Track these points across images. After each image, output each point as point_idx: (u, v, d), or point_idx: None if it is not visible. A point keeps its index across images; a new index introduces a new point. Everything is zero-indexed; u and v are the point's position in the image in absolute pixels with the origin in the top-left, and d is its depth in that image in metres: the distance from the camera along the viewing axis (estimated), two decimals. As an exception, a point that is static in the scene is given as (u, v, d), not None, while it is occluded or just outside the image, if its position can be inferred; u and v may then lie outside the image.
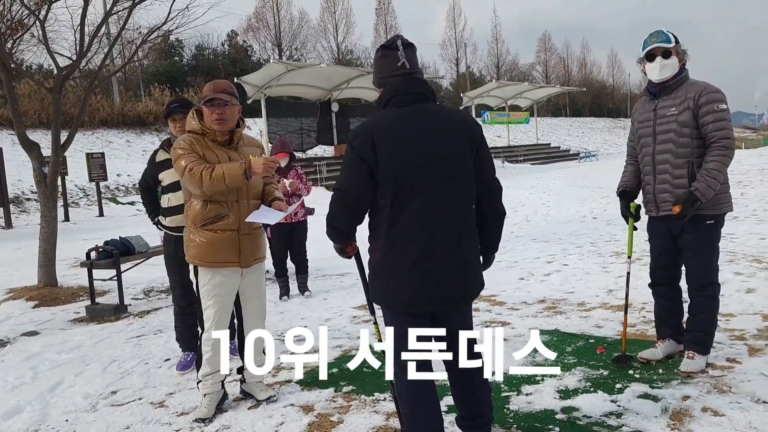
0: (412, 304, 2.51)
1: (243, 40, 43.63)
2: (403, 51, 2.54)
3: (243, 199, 3.47)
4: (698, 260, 3.59)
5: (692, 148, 3.47)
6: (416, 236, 2.44)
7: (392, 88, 2.52)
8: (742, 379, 3.41)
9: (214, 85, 3.43)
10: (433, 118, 2.51)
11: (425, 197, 2.44)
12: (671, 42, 3.50)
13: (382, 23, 51.55)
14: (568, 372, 3.75)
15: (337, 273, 8.10)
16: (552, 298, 5.71)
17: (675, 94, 3.52)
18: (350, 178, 2.48)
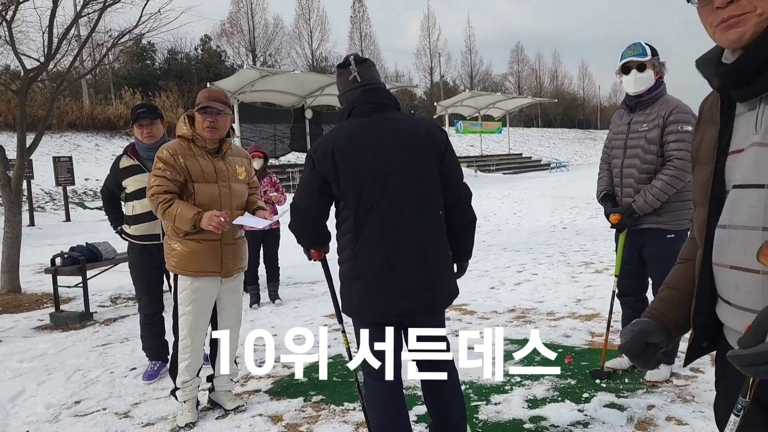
0: (379, 316, 2.50)
1: (217, 45, 43.30)
2: (354, 66, 2.57)
3: (226, 208, 3.44)
4: (659, 274, 3.62)
5: (656, 166, 3.50)
6: (380, 246, 2.44)
7: (352, 100, 2.55)
8: (705, 389, 3.49)
9: (209, 93, 3.42)
10: (394, 126, 2.52)
11: (388, 206, 2.43)
12: (647, 55, 3.51)
13: (357, 31, 51.75)
14: (537, 382, 3.79)
15: (308, 281, 8.07)
16: (522, 307, 5.76)
17: (649, 110, 3.55)
18: (304, 194, 2.54)
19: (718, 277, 1.32)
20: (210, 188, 3.40)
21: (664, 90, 3.59)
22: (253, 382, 4.17)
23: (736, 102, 1.28)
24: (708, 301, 1.35)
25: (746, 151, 1.24)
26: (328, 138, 2.52)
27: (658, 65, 3.55)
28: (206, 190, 3.39)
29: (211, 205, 3.38)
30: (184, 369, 3.51)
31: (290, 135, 27.36)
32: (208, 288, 3.49)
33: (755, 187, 1.21)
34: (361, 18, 52.00)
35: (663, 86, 3.59)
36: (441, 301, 2.60)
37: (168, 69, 38.19)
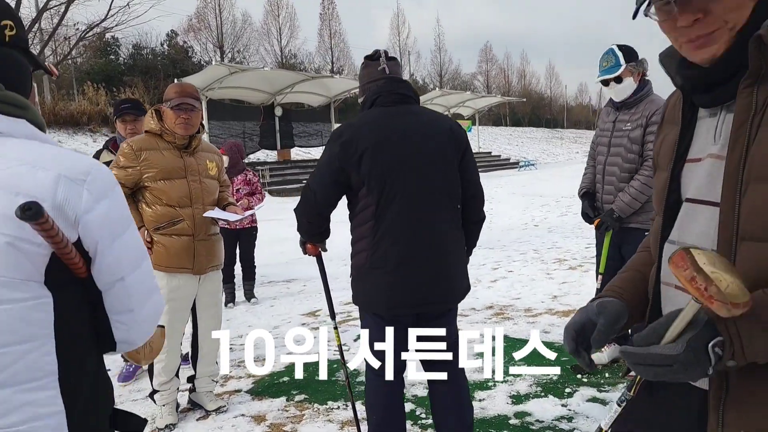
0: (394, 308, 2.45)
1: (183, 41, 42.58)
2: (384, 59, 2.58)
3: (198, 204, 3.40)
4: None
5: (637, 166, 3.53)
6: (402, 236, 2.39)
7: (377, 90, 2.52)
8: (684, 382, 3.55)
9: (182, 89, 3.36)
10: (418, 119, 2.51)
11: (411, 196, 2.40)
12: (620, 65, 3.50)
13: (327, 28, 51.46)
14: (519, 378, 3.82)
15: (283, 279, 8.00)
16: (499, 304, 5.80)
17: (634, 109, 3.57)
18: (320, 179, 2.47)
19: (664, 295, 1.22)
20: (179, 184, 3.34)
21: (650, 90, 3.60)
22: (233, 382, 4.12)
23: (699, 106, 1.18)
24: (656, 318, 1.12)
25: (703, 161, 1.13)
26: (353, 124, 2.47)
27: (637, 67, 3.53)
28: (176, 186, 3.33)
29: (182, 200, 3.33)
30: (161, 370, 3.44)
31: (260, 132, 27.10)
32: (186, 288, 3.43)
33: (707, 204, 1.10)
34: (330, 15, 51.75)
35: (648, 85, 3.60)
36: (457, 294, 2.57)
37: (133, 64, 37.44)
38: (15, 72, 1.19)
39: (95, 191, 1.10)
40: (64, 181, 1.06)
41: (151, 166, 3.29)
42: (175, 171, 3.34)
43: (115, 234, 1.13)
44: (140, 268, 1.21)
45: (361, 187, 2.40)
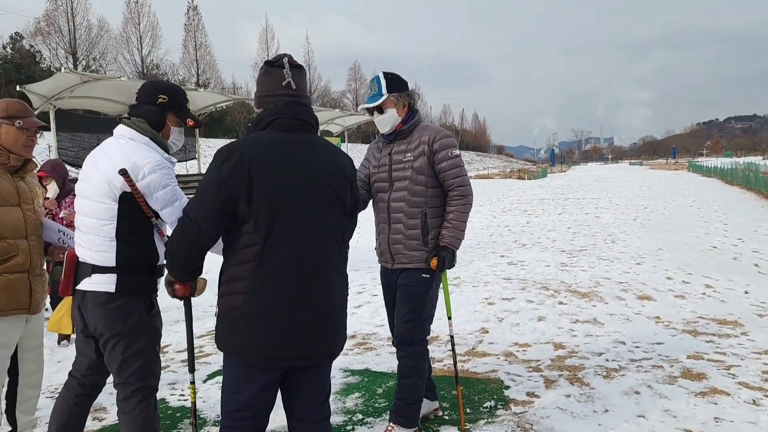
0: (270, 359, 2.13)
1: (30, 45, 39.01)
2: (290, 70, 2.25)
3: (33, 235, 2.98)
4: (400, 311, 3.31)
5: (426, 198, 3.25)
6: (286, 284, 2.10)
7: (275, 110, 2.20)
8: (542, 415, 3.53)
9: (23, 106, 3.01)
10: (317, 152, 2.22)
11: (301, 239, 2.12)
12: (382, 94, 3.25)
13: (192, 39, 49.48)
14: (379, 418, 3.61)
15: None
16: (362, 332, 5.61)
17: (410, 138, 3.32)
18: (203, 208, 2.09)
19: None
20: (14, 212, 2.89)
21: (420, 119, 3.39)
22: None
23: None
24: None
25: None
26: (243, 146, 2.11)
27: (402, 99, 3.29)
28: (9, 213, 2.87)
29: (16, 231, 2.89)
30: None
31: (116, 146, 25.31)
32: (15, 330, 2.96)
33: None
34: (196, 26, 49.84)
35: (417, 115, 3.37)
36: (339, 345, 2.30)
37: (-32, 68, 33.68)
38: (153, 118, 2.66)
39: (148, 170, 2.47)
40: (134, 165, 2.45)
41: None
42: (7, 198, 2.89)
43: (152, 192, 2.49)
44: (171, 206, 2.52)
45: (246, 221, 2.08)
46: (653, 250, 9.76)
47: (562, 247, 10.60)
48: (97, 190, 2.51)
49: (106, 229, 2.50)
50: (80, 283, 2.54)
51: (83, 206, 2.57)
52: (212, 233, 2.11)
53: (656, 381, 4.02)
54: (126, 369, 2.54)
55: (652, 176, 42.82)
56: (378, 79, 3.31)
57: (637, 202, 19.71)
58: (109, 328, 2.51)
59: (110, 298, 2.50)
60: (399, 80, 3.33)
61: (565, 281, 7.54)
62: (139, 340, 2.55)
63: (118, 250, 2.50)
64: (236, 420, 2.18)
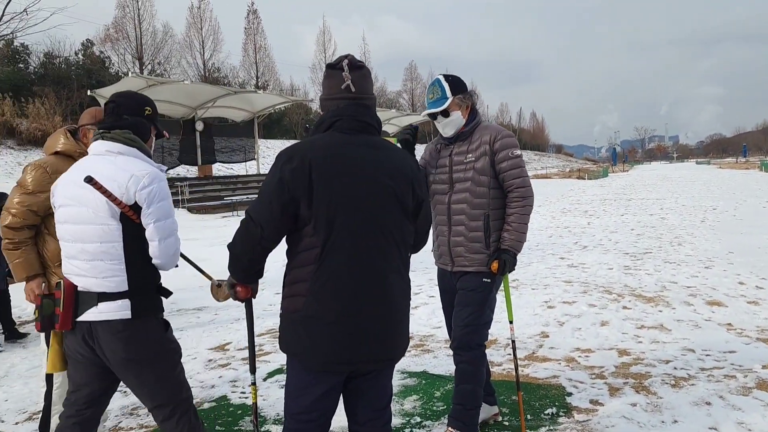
0: (333, 362, 2.13)
1: (100, 51, 40.64)
2: (348, 72, 2.22)
3: None
4: (459, 314, 3.26)
5: (488, 199, 3.20)
6: (345, 287, 2.08)
7: (336, 112, 2.19)
8: (607, 424, 3.41)
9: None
10: (380, 154, 2.19)
11: (361, 243, 2.10)
12: (447, 98, 3.21)
13: (252, 42, 50.58)
14: (437, 421, 3.57)
15: (194, 307, 7.49)
16: (420, 334, 5.57)
17: (470, 138, 3.26)
18: (264, 210, 2.08)
19: None
20: None
21: (480, 119, 3.33)
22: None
23: None
24: None
25: None
26: (304, 148, 2.11)
27: (465, 100, 3.26)
28: None
29: None
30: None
31: (179, 147, 26.12)
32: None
33: None
34: (255, 30, 50.91)
35: (478, 115, 3.33)
36: (400, 350, 2.26)
37: (44, 74, 35.32)
38: (142, 130, 2.59)
39: (148, 181, 2.36)
40: (134, 177, 2.34)
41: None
42: None
43: (151, 203, 2.35)
44: (165, 220, 2.41)
45: (306, 224, 2.08)
46: (723, 253, 9.34)
47: (626, 249, 10.27)
48: (97, 211, 2.34)
49: (112, 252, 2.35)
50: (83, 314, 2.35)
51: (78, 233, 2.37)
52: (275, 235, 2.11)
53: (729, 392, 3.83)
54: (159, 392, 2.47)
55: (720, 176, 41.07)
56: (439, 82, 3.26)
57: (705, 203, 18.92)
58: (132, 355, 2.37)
59: (127, 325, 2.35)
60: (460, 82, 3.29)
61: (629, 285, 7.30)
62: (165, 361, 2.48)
63: (129, 273, 2.37)
64: (299, 422, 2.19)
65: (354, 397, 2.27)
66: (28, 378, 4.89)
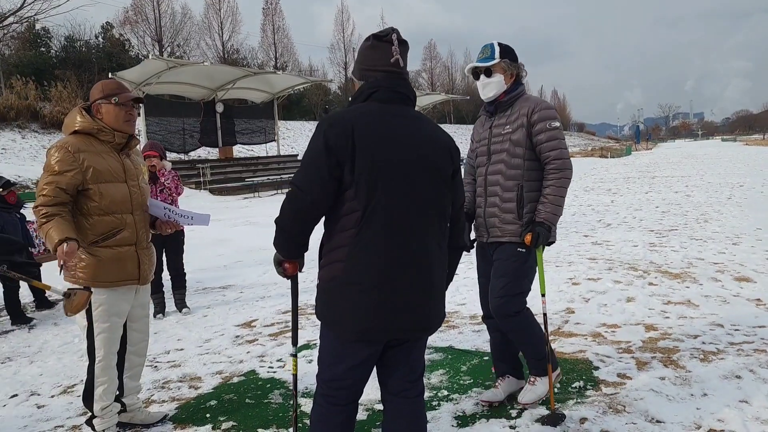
0: (366, 332, 2.11)
1: (120, 34, 40.82)
2: (398, 46, 2.20)
3: (138, 210, 3.22)
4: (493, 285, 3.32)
5: (523, 170, 3.20)
6: (384, 251, 2.07)
7: (375, 83, 2.19)
8: (635, 397, 3.40)
9: (118, 85, 3.20)
10: (418, 124, 2.20)
11: (402, 205, 2.09)
12: (494, 59, 3.23)
13: (270, 23, 50.48)
14: (465, 395, 3.59)
15: (219, 286, 7.58)
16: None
17: (510, 110, 3.28)
18: (311, 175, 2.06)
19: None
20: (120, 188, 3.12)
21: (523, 90, 3.32)
22: (154, 408, 3.73)
23: None
24: None
25: None
26: (346, 115, 2.11)
27: (511, 67, 3.26)
28: (116, 190, 3.09)
29: (123, 206, 3.11)
30: (102, 393, 3.13)
31: (200, 129, 26.26)
32: (126, 300, 3.20)
33: None
34: (273, 10, 50.75)
35: (521, 87, 3.32)
36: (436, 321, 2.25)
37: (65, 57, 35.66)
38: None
39: None
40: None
41: (92, 168, 3.02)
42: (115, 174, 3.12)
43: None
44: None
45: (348, 188, 2.06)
46: (751, 230, 9.18)
47: (650, 226, 10.15)
48: None
49: None
50: None
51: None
52: (325, 201, 2.08)
53: (759, 365, 3.79)
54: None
55: (747, 152, 40.28)
56: (492, 44, 3.30)
57: (731, 180, 18.59)
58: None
59: None
60: (512, 51, 3.32)
61: (654, 262, 7.22)
62: None
63: None
64: (332, 389, 2.22)
65: (387, 367, 2.29)
66: (61, 354, 5.00)
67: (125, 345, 3.33)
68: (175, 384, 4.10)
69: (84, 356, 4.77)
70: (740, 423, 3.05)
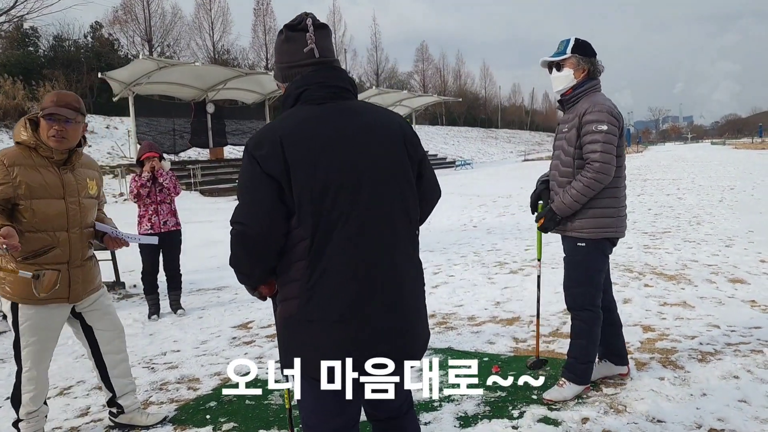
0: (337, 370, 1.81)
1: (109, 33, 40.61)
2: (312, 33, 1.88)
3: (75, 228, 3.08)
4: (566, 281, 3.54)
5: (573, 169, 3.33)
6: (347, 279, 1.77)
7: (302, 81, 1.87)
8: (635, 397, 3.41)
9: (58, 97, 2.98)
10: (360, 118, 1.87)
11: (358, 225, 1.78)
12: (565, 53, 3.34)
13: (261, 24, 50.38)
14: (466, 396, 3.58)
15: (213, 287, 7.54)
16: (442, 312, 5.58)
17: (573, 108, 3.37)
18: (252, 206, 1.76)
19: None
20: (56, 204, 2.99)
21: (592, 88, 3.36)
22: (153, 409, 3.70)
23: None
24: None
25: None
26: (272, 129, 1.79)
27: (583, 63, 3.33)
28: (50, 206, 2.97)
29: (57, 224, 3.00)
30: (29, 400, 3.12)
31: (191, 130, 26.17)
32: (56, 316, 3.12)
33: None
34: (265, 11, 50.69)
35: (590, 83, 3.36)
36: (420, 344, 1.96)
37: (54, 57, 35.39)
38: None
39: None
40: None
41: (25, 184, 2.90)
42: (51, 190, 2.98)
43: None
44: None
45: (291, 214, 1.77)
46: (743, 232, 9.25)
47: (644, 229, 10.20)
48: None
49: None
50: None
51: None
52: (277, 232, 1.77)
53: (756, 366, 3.81)
54: None
55: (736, 156, 40.62)
56: (567, 40, 3.40)
57: (722, 183, 18.74)
58: None
59: None
60: (588, 46, 3.39)
61: (649, 263, 7.26)
62: None
63: None
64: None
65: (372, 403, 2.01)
66: (56, 355, 4.91)
67: (98, 347, 3.31)
68: (173, 385, 4.07)
69: (79, 358, 4.75)
70: (740, 422, 3.07)
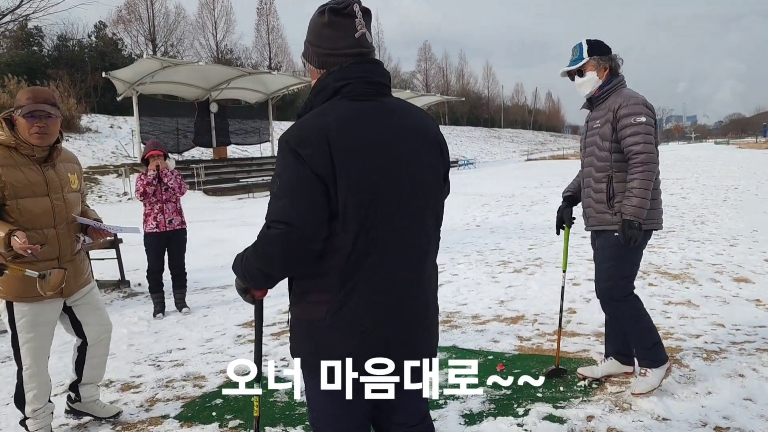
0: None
1: (113, 33, 40.72)
2: (362, 19, 1.72)
3: (62, 223, 3.10)
4: (597, 268, 3.57)
5: (611, 162, 3.34)
6: (380, 295, 1.70)
7: (342, 73, 1.72)
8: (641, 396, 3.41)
9: (34, 94, 2.97)
10: (401, 121, 1.76)
11: (400, 231, 1.71)
12: (582, 59, 3.39)
13: (264, 23, 50.46)
14: (471, 393, 3.59)
15: (218, 286, 7.55)
16: (446, 311, 5.58)
17: (603, 105, 3.40)
18: (300, 206, 1.61)
19: None
20: (41, 202, 3.01)
21: (618, 83, 3.39)
22: (159, 406, 3.72)
23: None
24: None
25: None
26: (316, 126, 1.64)
27: (603, 62, 3.38)
28: (36, 204, 2.99)
29: (44, 221, 3.02)
30: (33, 398, 3.16)
31: (194, 129, 26.22)
32: (52, 310, 3.16)
33: None
34: (268, 10, 50.77)
35: (616, 80, 3.39)
36: (433, 352, 1.90)
37: (58, 56, 35.51)
38: None
39: None
40: None
41: (9, 184, 2.91)
42: (35, 188, 3.00)
43: None
44: None
45: (333, 219, 1.65)
46: (747, 231, 9.24)
47: (647, 227, 10.19)
48: None
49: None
50: None
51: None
52: (321, 235, 1.64)
53: (762, 364, 3.81)
54: None
55: (740, 155, 40.53)
56: (580, 44, 3.44)
57: (726, 182, 18.70)
58: None
59: None
60: (601, 45, 3.43)
61: (653, 263, 7.25)
62: None
63: None
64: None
65: (387, 412, 1.92)
66: (61, 353, 4.96)
67: (86, 342, 3.36)
68: (179, 383, 4.09)
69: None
70: (746, 420, 3.07)
